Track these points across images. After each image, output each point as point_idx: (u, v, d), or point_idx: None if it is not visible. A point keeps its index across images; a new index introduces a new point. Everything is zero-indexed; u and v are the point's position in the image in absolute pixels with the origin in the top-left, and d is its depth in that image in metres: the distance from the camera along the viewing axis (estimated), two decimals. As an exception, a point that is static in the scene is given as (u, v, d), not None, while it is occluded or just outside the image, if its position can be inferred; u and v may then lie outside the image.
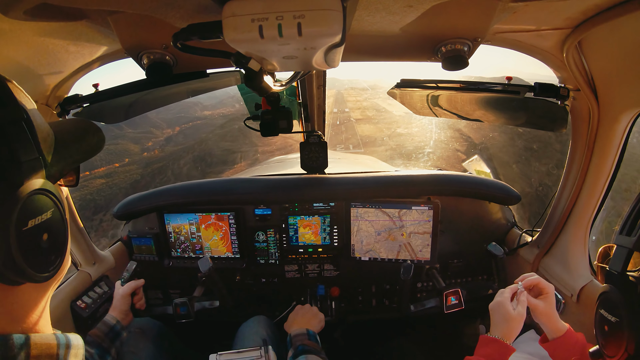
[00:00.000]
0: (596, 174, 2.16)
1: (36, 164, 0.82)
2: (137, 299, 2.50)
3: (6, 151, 0.75)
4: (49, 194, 0.85)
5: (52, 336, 0.83)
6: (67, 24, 1.48)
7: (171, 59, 1.77)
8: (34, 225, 0.79)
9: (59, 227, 0.88)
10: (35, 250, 0.80)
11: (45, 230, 0.83)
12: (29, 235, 0.78)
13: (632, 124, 1.93)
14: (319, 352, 2.13)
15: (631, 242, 1.05)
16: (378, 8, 1.32)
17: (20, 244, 0.75)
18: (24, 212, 0.76)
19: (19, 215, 0.75)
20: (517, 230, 3.05)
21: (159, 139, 28.33)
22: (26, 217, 0.77)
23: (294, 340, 2.23)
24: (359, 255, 3.05)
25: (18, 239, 0.74)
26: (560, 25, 1.68)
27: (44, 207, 0.83)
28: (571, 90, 2.08)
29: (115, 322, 2.30)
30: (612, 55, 1.74)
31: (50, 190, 0.85)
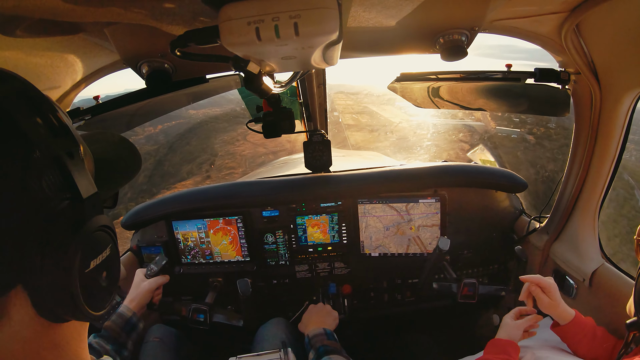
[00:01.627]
0: (601, 156, 2.15)
1: (96, 200, 0.76)
2: (156, 293, 2.52)
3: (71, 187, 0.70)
4: (108, 230, 0.79)
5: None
6: (63, 39, 1.49)
7: (170, 67, 1.77)
8: (95, 266, 0.74)
9: (116, 262, 0.83)
10: (95, 291, 0.75)
11: (105, 268, 0.78)
12: (91, 277, 0.73)
13: (635, 104, 1.92)
14: (340, 351, 2.13)
15: None
16: (373, 3, 1.32)
17: (82, 287, 0.70)
18: (86, 254, 0.71)
19: (82, 257, 0.70)
20: (525, 217, 3.04)
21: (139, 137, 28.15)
22: (89, 258, 0.72)
23: (313, 342, 2.22)
24: (368, 251, 3.06)
25: (80, 282, 0.69)
26: (557, 9, 1.68)
27: (104, 244, 0.77)
28: (572, 74, 2.07)
29: (131, 315, 2.29)
30: (611, 36, 1.73)
31: (109, 226, 0.79)
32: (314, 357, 2.11)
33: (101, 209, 0.78)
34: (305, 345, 2.26)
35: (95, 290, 0.75)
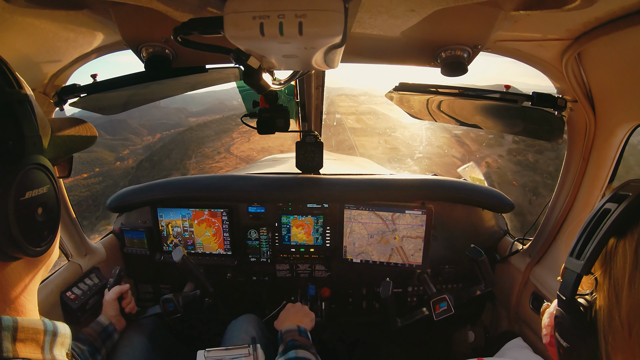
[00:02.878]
0: (590, 185, 2.17)
1: (37, 141, 0.87)
2: (125, 303, 2.50)
3: (13, 126, 0.79)
4: (47, 170, 0.88)
5: (39, 321, 0.83)
6: (68, 13, 1.48)
7: (171, 53, 1.77)
8: (30, 197, 0.82)
9: (53, 204, 0.92)
10: (30, 223, 0.83)
11: (40, 204, 0.86)
12: (26, 206, 0.81)
13: (628, 137, 1.93)
14: (310, 347, 2.13)
15: (579, 266, 1.00)
16: (380, 11, 1.32)
17: (18, 215, 0.77)
18: (23, 183, 0.79)
19: (18, 185, 0.78)
20: (509, 238, 3.06)
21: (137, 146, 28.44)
22: (24, 188, 0.80)
23: (284, 336, 2.23)
24: (350, 257, 3.06)
25: (16, 209, 0.77)
26: (561, 36, 1.69)
27: (41, 182, 0.86)
28: (569, 101, 2.09)
29: (108, 323, 2.33)
30: (611, 68, 1.74)
31: (47, 167, 0.88)
32: (282, 351, 2.11)
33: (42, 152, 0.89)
34: (278, 340, 2.26)
35: (31, 222, 0.84)
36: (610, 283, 0.94)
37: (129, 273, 3.17)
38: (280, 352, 2.12)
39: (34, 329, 0.80)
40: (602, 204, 1.01)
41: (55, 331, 0.86)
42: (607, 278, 0.95)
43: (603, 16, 1.43)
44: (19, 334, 0.76)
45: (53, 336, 0.85)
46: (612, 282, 0.94)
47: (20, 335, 0.77)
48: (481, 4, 1.28)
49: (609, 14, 1.40)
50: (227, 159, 38.27)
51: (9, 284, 0.82)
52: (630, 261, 0.90)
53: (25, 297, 0.86)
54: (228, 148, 38.81)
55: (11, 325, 0.76)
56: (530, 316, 2.59)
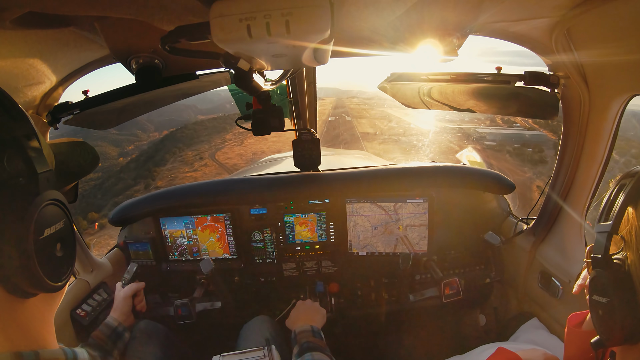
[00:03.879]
0: (589, 160, 2.16)
1: (50, 176, 0.85)
2: (137, 301, 2.51)
3: (24, 163, 0.78)
4: (61, 204, 0.88)
5: (60, 351, 0.83)
6: (53, 32, 1.48)
7: (160, 62, 1.77)
8: (49, 235, 0.81)
9: (70, 236, 0.91)
10: (50, 260, 0.82)
11: (58, 239, 0.86)
12: (45, 245, 0.80)
13: (623, 109, 1.93)
14: (324, 349, 2.13)
15: (609, 226, 1.10)
16: (366, 3, 1.32)
17: (37, 253, 0.76)
18: (40, 222, 0.78)
19: (36, 224, 0.77)
20: (512, 219, 3.06)
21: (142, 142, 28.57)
22: (43, 226, 0.79)
23: (298, 337, 2.23)
24: (356, 250, 3.06)
25: (36, 248, 0.76)
26: (548, 14, 1.69)
27: (58, 217, 0.86)
28: (561, 77, 2.08)
29: (117, 324, 2.33)
30: (601, 41, 1.74)
31: (62, 201, 0.88)
32: (297, 353, 2.11)
33: (55, 186, 0.88)
34: (292, 341, 2.26)
35: (50, 259, 0.83)
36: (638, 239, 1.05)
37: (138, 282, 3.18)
38: (295, 354, 2.11)
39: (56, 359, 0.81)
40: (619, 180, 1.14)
41: (76, 358, 0.85)
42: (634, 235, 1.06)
43: (588, -11, 1.43)
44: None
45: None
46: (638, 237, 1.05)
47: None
48: None
49: (594, -14, 1.40)
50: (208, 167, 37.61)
51: (28, 318, 0.82)
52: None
53: (44, 328, 0.86)
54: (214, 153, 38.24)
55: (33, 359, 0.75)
56: (539, 295, 2.59)
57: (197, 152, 47.71)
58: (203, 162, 46.40)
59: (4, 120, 0.78)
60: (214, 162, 43.04)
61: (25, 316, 0.81)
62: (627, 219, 1.08)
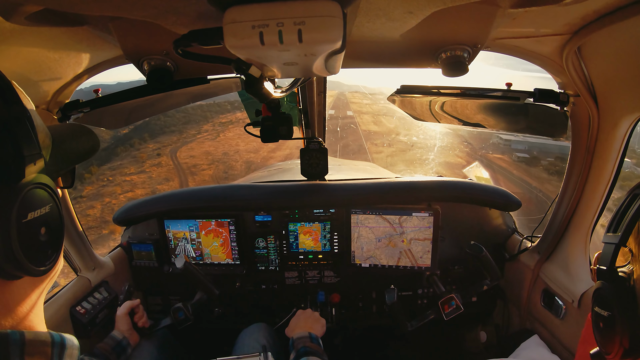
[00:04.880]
0: (597, 179, 2.16)
1: (37, 160, 0.85)
2: (137, 318, 2.50)
3: (10, 145, 0.77)
4: (48, 189, 0.87)
5: (46, 334, 0.83)
6: (68, 30, 1.49)
7: (172, 65, 1.78)
8: (33, 218, 0.81)
9: (56, 222, 0.91)
10: (33, 244, 0.82)
11: (43, 223, 0.85)
12: (29, 228, 0.80)
13: (632, 129, 1.93)
14: (321, 354, 2.12)
15: (617, 238, 1.10)
16: (378, 14, 1.32)
17: (20, 236, 0.76)
18: (24, 205, 0.78)
19: (19, 207, 0.77)
20: (517, 236, 3.05)
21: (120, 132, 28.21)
22: (26, 209, 0.79)
23: (296, 343, 2.22)
24: (359, 261, 3.05)
25: (18, 231, 0.76)
26: (560, 31, 1.69)
27: (43, 201, 0.85)
28: (571, 96, 2.08)
29: (122, 338, 2.35)
30: (612, 60, 1.74)
31: (49, 185, 0.87)
32: (293, 358, 2.11)
33: (48, 171, 0.89)
34: (289, 347, 2.26)
35: (34, 243, 0.82)
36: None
37: (138, 286, 3.17)
38: (292, 359, 2.11)
39: (42, 342, 0.80)
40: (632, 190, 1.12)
41: (63, 343, 0.85)
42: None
43: (601, 8, 1.43)
44: (27, 347, 0.76)
45: (61, 348, 0.84)
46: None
47: (29, 349, 0.77)
48: (479, 3, 1.28)
49: (607, 6, 1.40)
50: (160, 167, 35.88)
51: (15, 300, 0.82)
52: None
53: (32, 312, 0.86)
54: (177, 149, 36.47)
55: (19, 340, 0.75)
56: (542, 313, 2.58)
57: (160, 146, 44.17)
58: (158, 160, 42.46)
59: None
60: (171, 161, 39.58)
61: (12, 298, 0.82)
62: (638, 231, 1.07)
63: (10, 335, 0.75)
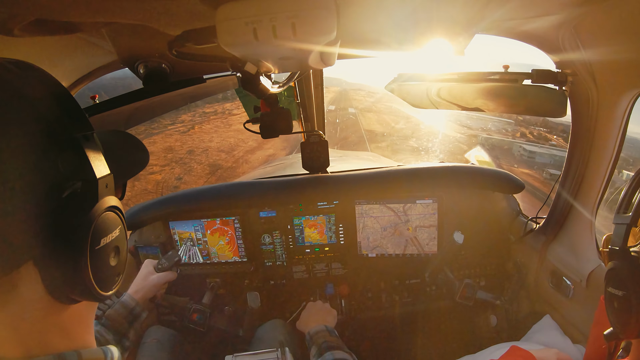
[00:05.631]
0: (599, 157, 2.15)
1: (109, 181, 0.81)
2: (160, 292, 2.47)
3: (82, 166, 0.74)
4: (118, 211, 0.84)
5: (99, 351, 0.82)
6: (61, 38, 1.49)
7: (167, 67, 1.78)
8: (105, 244, 0.78)
9: (124, 244, 0.88)
10: (104, 270, 0.79)
11: (114, 248, 0.82)
12: (100, 255, 0.77)
13: (632, 105, 1.92)
14: (342, 346, 2.13)
15: (628, 218, 1.10)
16: (371, 3, 1.32)
17: (92, 264, 0.74)
18: (98, 231, 0.75)
19: (93, 234, 0.74)
20: (522, 218, 3.05)
21: None
22: (99, 235, 0.76)
23: (315, 338, 2.22)
24: (366, 252, 3.06)
25: (90, 258, 0.73)
26: (555, 10, 1.68)
27: (114, 225, 0.82)
28: (569, 75, 2.07)
29: (134, 304, 2.24)
30: (608, 37, 1.73)
31: (119, 208, 0.84)
32: (316, 353, 2.10)
33: (113, 191, 0.83)
34: (307, 342, 2.26)
35: (104, 269, 0.79)
36: None
37: None
38: (314, 354, 2.11)
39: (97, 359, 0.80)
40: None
41: (113, 357, 0.84)
42: None
43: (596, -15, 1.42)
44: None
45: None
46: None
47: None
48: None
49: (601, -18, 1.40)
50: None
51: (72, 322, 0.81)
52: None
53: (85, 329, 0.85)
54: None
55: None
56: (551, 295, 2.58)
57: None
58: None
59: (61, 117, 0.74)
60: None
61: (69, 320, 0.80)
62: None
63: (66, 356, 0.74)
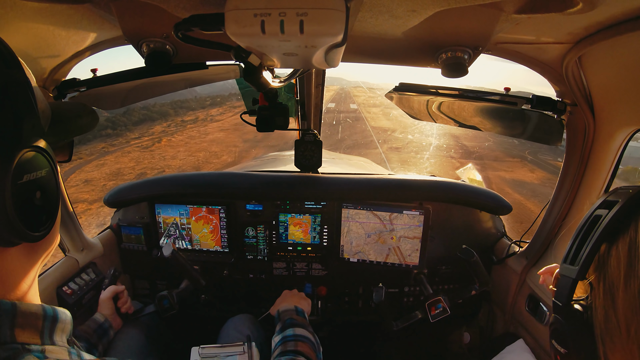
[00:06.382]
0: (588, 189, 2.17)
1: (36, 125, 0.85)
2: (121, 303, 2.49)
3: (9, 108, 0.76)
4: (46, 154, 0.86)
5: (38, 307, 0.82)
6: (69, 7, 1.48)
7: (171, 49, 1.77)
8: (28, 180, 0.80)
9: (52, 188, 0.89)
10: (28, 207, 0.80)
11: (39, 187, 0.84)
12: (24, 190, 0.79)
13: (627, 142, 1.94)
14: (307, 326, 2.15)
15: (574, 272, 1.03)
16: (381, 11, 1.32)
17: (15, 198, 0.75)
18: (21, 166, 0.77)
19: (16, 168, 0.75)
20: (506, 240, 3.06)
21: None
22: (22, 171, 0.78)
23: (282, 315, 2.25)
24: (347, 256, 3.06)
25: (13, 192, 0.75)
26: (562, 40, 1.69)
27: (40, 165, 0.84)
28: (568, 104, 2.09)
29: (103, 320, 2.33)
30: (611, 72, 1.74)
31: (47, 150, 0.86)
32: (279, 329, 2.13)
33: (43, 134, 0.87)
34: (275, 320, 2.29)
35: (29, 206, 0.81)
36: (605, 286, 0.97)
37: (126, 269, 3.17)
38: (277, 330, 2.14)
39: (33, 314, 0.80)
40: (592, 211, 1.06)
41: (56, 317, 0.85)
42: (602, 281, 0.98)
43: (605, 20, 1.43)
44: (17, 319, 0.76)
45: (53, 322, 0.84)
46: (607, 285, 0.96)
47: (19, 321, 0.76)
48: (482, 6, 1.28)
49: (610, 18, 1.40)
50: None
51: (9, 269, 0.81)
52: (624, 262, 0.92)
53: (25, 283, 0.85)
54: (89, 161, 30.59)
55: (10, 310, 0.75)
56: (526, 318, 2.60)
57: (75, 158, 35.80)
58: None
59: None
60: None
61: (5, 266, 0.81)
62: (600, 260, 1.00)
63: (2, 304, 0.74)
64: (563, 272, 1.08)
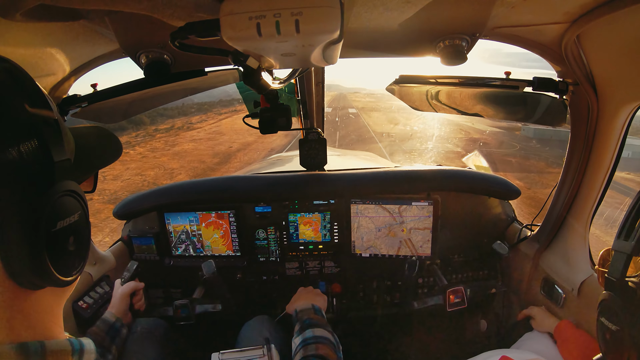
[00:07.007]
0: (596, 168, 2.16)
1: (67, 166, 0.82)
2: (136, 300, 2.50)
3: (41, 150, 0.74)
4: (77, 196, 0.84)
5: (66, 342, 0.81)
6: (64, 25, 1.48)
7: (169, 58, 1.77)
8: (62, 228, 0.78)
9: (84, 230, 0.88)
10: (61, 254, 0.79)
11: (72, 233, 0.82)
12: (57, 238, 0.77)
13: (631, 117, 1.93)
14: (326, 325, 2.13)
15: (629, 247, 1.02)
16: (376, 4, 1.32)
17: (48, 247, 0.74)
18: (53, 213, 0.75)
19: (48, 216, 0.74)
20: (517, 225, 3.06)
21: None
22: (55, 218, 0.76)
23: (300, 315, 2.24)
24: (359, 251, 3.06)
25: (46, 241, 0.73)
26: (559, 20, 1.68)
27: (73, 209, 0.82)
28: (570, 84, 2.08)
29: (114, 320, 2.30)
30: (611, 49, 1.73)
31: (78, 193, 0.85)
32: (298, 330, 2.12)
33: (73, 177, 0.83)
34: (293, 320, 2.28)
35: (62, 253, 0.79)
36: None
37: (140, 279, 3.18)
38: (296, 332, 2.12)
39: (62, 351, 0.79)
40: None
41: (82, 349, 0.83)
42: None
43: (599, -3, 1.42)
44: (47, 357, 0.75)
45: (80, 354, 0.83)
46: None
47: (49, 359, 0.75)
48: None
49: (605, -6, 1.40)
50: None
51: (36, 310, 0.79)
52: None
53: (52, 319, 0.84)
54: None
55: (39, 350, 0.74)
56: (542, 302, 2.59)
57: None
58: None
59: (22, 102, 0.75)
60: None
61: (33, 308, 0.78)
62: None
63: (30, 345, 0.73)
64: (617, 248, 1.06)
